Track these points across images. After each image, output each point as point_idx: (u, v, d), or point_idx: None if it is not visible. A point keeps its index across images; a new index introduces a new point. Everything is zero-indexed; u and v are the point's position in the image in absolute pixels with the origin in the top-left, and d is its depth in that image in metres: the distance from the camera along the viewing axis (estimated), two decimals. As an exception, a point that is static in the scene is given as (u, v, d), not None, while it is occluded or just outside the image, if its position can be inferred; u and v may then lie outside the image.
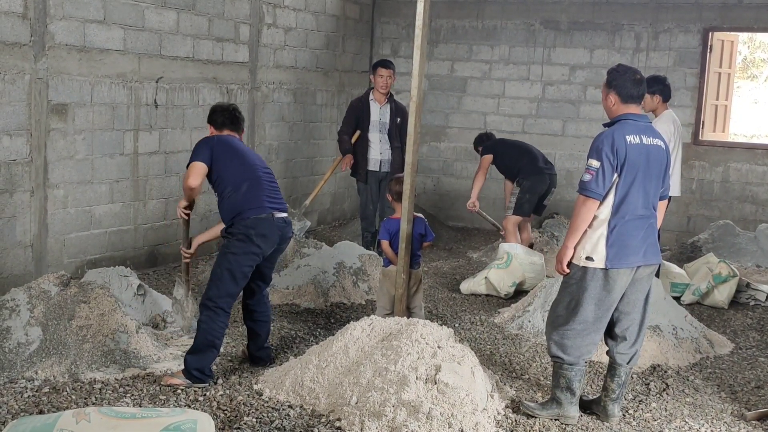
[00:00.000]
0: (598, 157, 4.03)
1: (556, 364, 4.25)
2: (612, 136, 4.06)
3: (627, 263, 4.07)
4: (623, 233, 4.05)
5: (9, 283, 5.61)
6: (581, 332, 4.15)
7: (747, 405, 4.63)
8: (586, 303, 4.11)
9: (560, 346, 4.19)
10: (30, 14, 5.73)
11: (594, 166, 4.02)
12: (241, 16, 7.88)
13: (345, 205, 10.13)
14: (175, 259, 7.36)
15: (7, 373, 4.45)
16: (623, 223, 4.05)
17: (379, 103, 7.66)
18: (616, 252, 4.04)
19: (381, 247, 5.45)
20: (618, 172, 4.03)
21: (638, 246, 4.09)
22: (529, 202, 7.52)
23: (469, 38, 10.09)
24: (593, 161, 4.03)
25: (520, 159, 7.66)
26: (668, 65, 9.20)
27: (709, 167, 9.24)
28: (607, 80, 4.24)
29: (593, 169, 4.02)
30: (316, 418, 4.15)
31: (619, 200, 4.05)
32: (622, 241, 4.05)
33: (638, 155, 4.06)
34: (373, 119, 7.66)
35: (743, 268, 7.64)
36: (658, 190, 4.20)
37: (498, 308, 6.46)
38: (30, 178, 5.89)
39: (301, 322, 5.85)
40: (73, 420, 3.21)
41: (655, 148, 4.15)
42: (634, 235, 4.07)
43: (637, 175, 4.06)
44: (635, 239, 4.07)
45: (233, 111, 4.93)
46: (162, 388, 4.46)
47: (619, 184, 4.04)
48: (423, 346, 4.26)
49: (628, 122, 4.14)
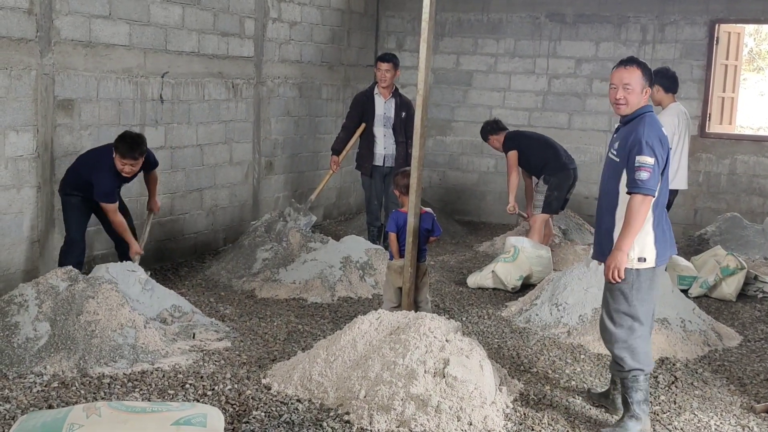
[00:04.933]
0: (651, 153, 3.88)
1: (633, 377, 4.05)
2: (657, 133, 3.95)
3: (667, 257, 4.10)
4: (663, 228, 4.04)
5: (17, 279, 5.63)
6: (646, 336, 4.09)
7: (756, 397, 4.62)
8: (645, 305, 4.03)
9: (635, 357, 4.03)
10: (36, 10, 5.73)
11: (649, 163, 3.87)
12: (246, 10, 7.87)
13: (351, 200, 10.12)
14: (182, 254, 7.38)
15: (16, 368, 4.47)
16: (659, 218, 4.02)
17: (384, 97, 7.64)
18: (660, 248, 4.02)
19: (388, 239, 5.45)
20: (662, 167, 3.97)
21: (672, 237, 4.13)
22: (557, 200, 7.46)
23: (474, 31, 10.06)
24: (647, 158, 3.87)
25: (544, 154, 7.52)
26: (674, 57, 9.16)
27: (716, 160, 9.22)
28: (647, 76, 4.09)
29: (649, 167, 3.86)
30: (324, 411, 4.15)
31: (658, 195, 4.00)
32: (664, 236, 4.04)
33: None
34: (377, 113, 7.64)
35: (751, 260, 7.62)
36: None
37: (505, 302, 6.46)
38: (37, 174, 5.89)
39: (308, 317, 5.86)
40: (84, 414, 3.22)
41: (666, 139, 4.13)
42: (668, 228, 4.09)
43: (666, 169, 4.04)
44: (669, 232, 4.10)
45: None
46: (170, 382, 4.47)
47: (663, 180, 4.01)
48: (431, 340, 4.26)
49: (653, 114, 4.08)
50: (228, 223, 7.99)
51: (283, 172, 8.80)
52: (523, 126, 9.62)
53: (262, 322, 5.68)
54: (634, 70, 4.06)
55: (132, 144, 5.58)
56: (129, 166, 5.62)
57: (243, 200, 8.18)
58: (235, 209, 8.08)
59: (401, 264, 5.22)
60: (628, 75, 4.05)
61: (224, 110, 7.72)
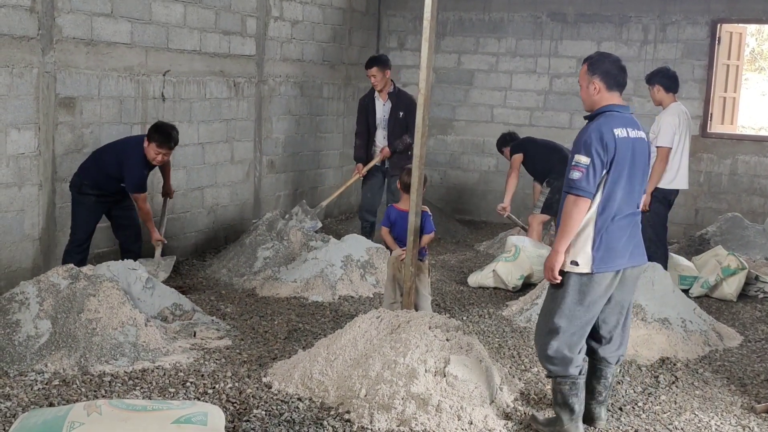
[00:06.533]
0: (587, 152, 3.73)
1: (551, 379, 4.01)
2: (600, 129, 3.77)
3: (613, 266, 3.83)
4: (610, 235, 3.80)
5: (18, 277, 5.63)
6: (569, 341, 3.87)
7: (757, 398, 4.62)
8: (571, 310, 3.84)
9: (549, 360, 3.91)
10: (38, 8, 5.73)
11: (583, 162, 3.72)
12: (247, 9, 7.87)
13: (352, 199, 10.12)
14: (182, 252, 7.38)
15: (17, 365, 4.47)
16: (610, 224, 3.80)
17: (383, 99, 7.62)
18: (602, 255, 3.79)
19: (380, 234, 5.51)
20: (607, 168, 3.76)
21: (624, 248, 3.85)
22: (558, 203, 7.43)
23: (475, 31, 10.06)
24: (582, 157, 3.73)
25: (550, 159, 7.47)
26: (676, 57, 9.16)
27: (717, 160, 9.21)
28: (588, 67, 3.93)
29: (583, 166, 3.72)
30: (325, 410, 4.15)
31: (606, 199, 3.78)
32: (609, 244, 3.80)
33: (626, 149, 3.80)
34: (378, 116, 7.62)
35: (752, 260, 7.61)
36: (642, 186, 3.94)
37: (506, 301, 6.46)
38: (38, 172, 5.89)
39: (309, 315, 5.86)
40: (85, 413, 3.22)
41: (639, 142, 3.89)
42: (620, 237, 3.82)
43: (623, 172, 3.79)
44: (621, 241, 3.83)
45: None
46: (171, 380, 4.47)
47: (607, 181, 3.77)
48: (431, 339, 4.26)
49: (614, 114, 3.85)
50: (229, 222, 7.99)
51: (285, 171, 8.80)
52: (524, 125, 9.64)
53: (263, 321, 5.68)
54: (583, 66, 3.99)
55: (169, 134, 5.92)
56: (162, 155, 5.94)
57: (244, 199, 8.18)
58: (236, 208, 8.08)
59: (399, 253, 5.23)
60: (580, 73, 4.01)
61: (226, 109, 7.72)
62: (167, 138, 5.89)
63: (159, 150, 5.88)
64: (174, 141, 5.96)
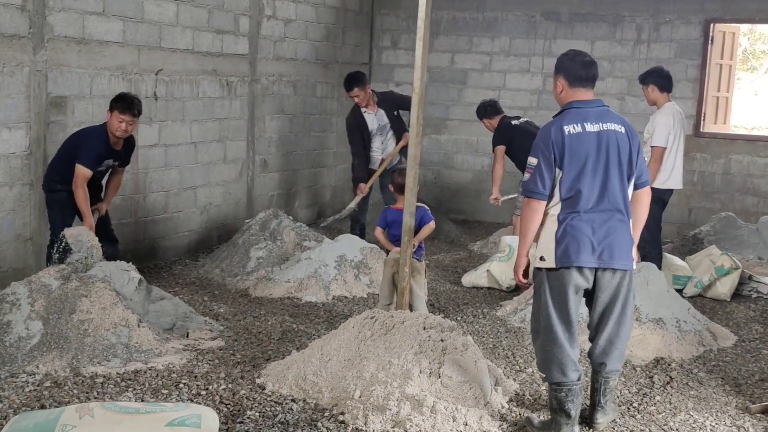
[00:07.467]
0: (534, 154, 3.80)
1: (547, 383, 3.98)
2: (549, 129, 3.82)
3: (577, 261, 3.75)
4: (574, 229, 3.76)
5: (9, 277, 5.58)
6: (554, 343, 3.84)
7: (751, 398, 4.61)
8: (549, 307, 3.83)
9: (545, 367, 3.89)
10: (29, 6, 5.68)
11: (532, 164, 3.79)
12: (240, 7, 7.83)
13: (345, 198, 10.07)
14: (175, 252, 7.34)
15: (8, 367, 4.43)
16: (575, 217, 3.77)
17: (372, 111, 7.59)
18: (564, 249, 3.76)
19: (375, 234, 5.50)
20: (558, 165, 3.76)
21: (589, 243, 3.76)
22: None
23: (469, 30, 10.04)
24: (532, 159, 3.80)
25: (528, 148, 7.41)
26: (669, 57, 9.16)
27: (710, 159, 9.22)
28: (555, 67, 4.00)
29: (531, 167, 3.79)
30: (319, 412, 4.13)
31: (567, 194, 3.77)
32: (572, 237, 3.75)
33: (581, 144, 3.76)
34: (371, 128, 7.56)
35: (745, 260, 7.63)
36: (623, 179, 3.84)
37: (500, 301, 6.44)
38: (29, 171, 5.85)
39: (303, 316, 5.83)
40: (77, 415, 3.18)
41: (608, 134, 3.82)
42: (584, 230, 3.76)
43: (586, 166, 3.76)
44: (584, 234, 3.76)
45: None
46: (164, 382, 4.44)
47: (563, 179, 3.77)
48: (426, 340, 4.24)
49: (570, 111, 3.87)
50: (222, 222, 7.95)
51: (278, 170, 8.77)
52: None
53: (257, 321, 5.66)
54: None
55: (131, 100, 5.65)
56: (126, 123, 5.63)
57: (237, 198, 8.15)
58: (229, 207, 8.04)
59: (395, 256, 5.21)
60: None
61: (218, 108, 7.68)
62: (129, 104, 5.61)
63: (122, 117, 5.58)
64: (136, 108, 5.66)
